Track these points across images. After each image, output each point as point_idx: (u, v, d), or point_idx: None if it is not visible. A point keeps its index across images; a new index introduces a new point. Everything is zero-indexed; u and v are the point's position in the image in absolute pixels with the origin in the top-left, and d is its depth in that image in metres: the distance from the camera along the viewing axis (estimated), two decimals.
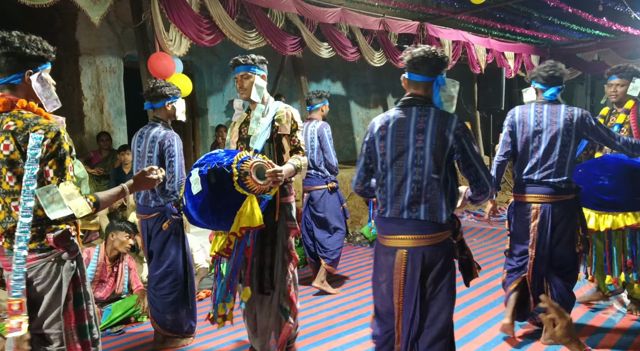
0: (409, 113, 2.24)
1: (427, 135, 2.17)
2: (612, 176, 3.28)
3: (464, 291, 4.31)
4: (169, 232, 3.33)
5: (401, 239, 2.21)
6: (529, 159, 3.07)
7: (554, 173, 3.00)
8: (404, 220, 2.21)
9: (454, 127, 2.17)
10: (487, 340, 3.31)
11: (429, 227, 2.18)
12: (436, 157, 2.16)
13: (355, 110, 10.62)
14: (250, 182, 2.54)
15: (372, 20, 7.50)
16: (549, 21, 9.40)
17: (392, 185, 2.24)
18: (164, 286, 3.35)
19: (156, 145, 3.28)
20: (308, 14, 6.54)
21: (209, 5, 5.47)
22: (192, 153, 8.41)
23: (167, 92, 3.35)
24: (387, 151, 2.25)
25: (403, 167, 2.21)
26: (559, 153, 2.99)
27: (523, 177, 3.10)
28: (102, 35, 6.60)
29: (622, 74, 3.54)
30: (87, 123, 6.70)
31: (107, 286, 3.94)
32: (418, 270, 2.17)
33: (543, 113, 3.05)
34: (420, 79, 2.28)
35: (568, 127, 2.98)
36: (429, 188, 2.17)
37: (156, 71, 5.09)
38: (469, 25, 9.37)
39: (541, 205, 3.03)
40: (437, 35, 8.50)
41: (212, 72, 8.19)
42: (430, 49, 2.28)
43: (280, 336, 2.87)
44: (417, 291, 2.18)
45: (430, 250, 2.18)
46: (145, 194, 3.35)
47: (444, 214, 2.18)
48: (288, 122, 2.94)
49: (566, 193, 3.03)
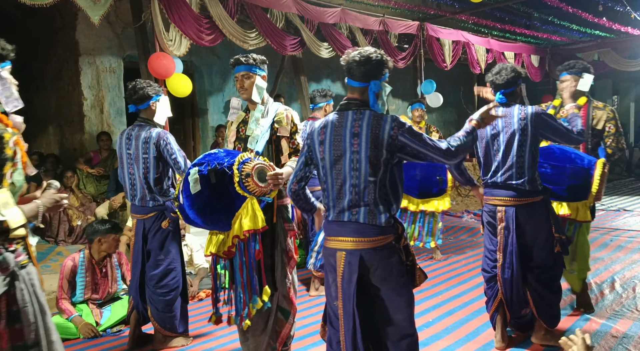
0: (345, 118, 2.22)
1: (362, 139, 2.15)
2: (554, 165, 3.32)
3: (464, 291, 4.32)
4: (168, 230, 3.33)
5: (341, 241, 2.21)
6: (491, 162, 3.06)
7: (515, 175, 2.96)
8: (344, 223, 2.20)
9: (387, 128, 2.14)
10: (487, 340, 3.31)
11: (369, 229, 2.16)
12: (372, 161, 2.14)
13: None
14: (252, 184, 2.53)
15: (372, 20, 7.51)
16: (549, 21, 9.40)
17: (332, 189, 2.23)
18: (164, 284, 3.33)
19: (151, 147, 3.25)
20: (308, 14, 6.55)
21: (209, 5, 5.47)
22: (192, 153, 8.41)
23: (150, 92, 3.32)
24: (326, 156, 2.24)
25: (342, 171, 2.20)
26: (516, 153, 2.95)
27: (488, 180, 3.09)
28: (102, 35, 6.60)
29: (572, 70, 3.55)
30: (87, 123, 6.70)
31: (101, 288, 3.90)
32: (355, 273, 2.15)
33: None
34: (355, 84, 2.24)
35: (523, 126, 2.94)
36: (367, 192, 2.15)
37: (156, 71, 5.09)
38: (469, 25, 9.37)
39: (505, 209, 3.00)
40: (437, 35, 8.50)
41: (212, 72, 8.19)
42: (365, 53, 2.21)
43: (280, 335, 2.86)
44: (354, 294, 2.15)
45: (369, 253, 2.15)
46: (142, 195, 3.32)
47: (383, 217, 2.15)
48: (288, 124, 2.93)
49: (531, 196, 2.97)
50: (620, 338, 3.26)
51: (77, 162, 6.46)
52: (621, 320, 3.54)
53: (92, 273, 3.81)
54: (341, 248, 2.20)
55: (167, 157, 3.26)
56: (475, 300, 4.10)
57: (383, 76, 2.24)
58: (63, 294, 3.73)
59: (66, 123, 7.09)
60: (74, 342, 3.56)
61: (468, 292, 4.30)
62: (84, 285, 3.78)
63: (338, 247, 2.22)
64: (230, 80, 8.45)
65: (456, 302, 4.07)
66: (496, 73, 3.09)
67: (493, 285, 3.16)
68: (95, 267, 3.84)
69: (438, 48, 8.52)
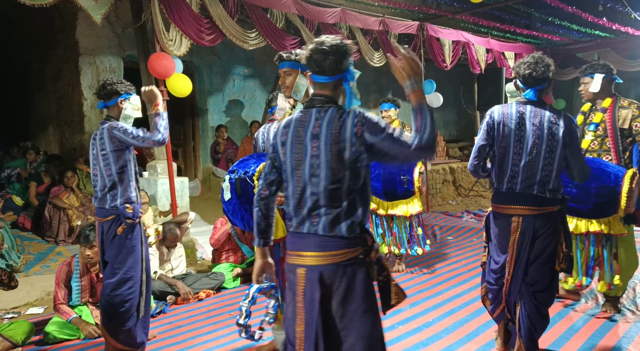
0: (309, 116, 1.94)
1: (321, 141, 1.87)
2: (579, 185, 3.11)
3: (464, 291, 4.32)
4: (124, 236, 3.09)
5: (301, 256, 1.94)
6: (508, 167, 2.72)
7: (538, 183, 2.66)
8: (304, 235, 1.94)
9: (350, 124, 1.85)
10: (487, 340, 3.31)
11: (330, 242, 1.89)
12: (332, 166, 1.86)
13: None
14: None
15: (372, 20, 7.51)
16: (549, 21, 9.40)
17: (293, 197, 1.97)
18: (119, 293, 3.08)
19: (105, 141, 3.05)
20: (308, 14, 6.55)
21: (209, 5, 5.47)
22: (192, 153, 8.42)
23: (120, 88, 3.13)
24: (287, 159, 1.98)
25: (302, 177, 1.93)
26: (543, 160, 2.65)
27: (502, 187, 2.76)
28: (102, 35, 6.60)
29: (588, 72, 3.54)
30: (87, 123, 6.70)
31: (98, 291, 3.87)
32: (317, 293, 1.88)
33: (526, 115, 2.70)
34: (325, 79, 1.94)
35: (554, 131, 2.65)
36: (327, 200, 1.88)
37: (156, 71, 5.09)
38: (469, 25, 9.37)
39: (522, 218, 2.68)
40: (437, 35, 8.50)
41: (212, 72, 8.19)
42: (330, 41, 1.92)
43: None
44: (318, 317, 1.88)
45: (330, 270, 1.88)
46: (101, 195, 3.11)
47: (344, 227, 1.88)
48: None
49: (551, 205, 2.69)
50: (620, 338, 3.26)
51: (77, 162, 6.47)
52: (621, 320, 3.54)
53: (87, 277, 3.77)
54: (301, 264, 1.94)
55: (122, 136, 3.01)
56: (475, 300, 4.10)
57: (351, 64, 1.99)
58: (60, 299, 3.71)
59: (66, 123, 7.09)
60: (74, 342, 3.56)
61: (468, 292, 4.29)
62: (79, 289, 3.74)
63: (297, 262, 1.95)
64: (230, 80, 8.46)
65: (456, 302, 4.07)
66: (532, 64, 2.69)
67: (497, 295, 2.90)
68: (91, 271, 3.77)
69: (438, 48, 8.52)
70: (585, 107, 3.71)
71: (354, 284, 1.89)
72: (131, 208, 3.07)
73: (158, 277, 4.37)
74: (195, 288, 4.44)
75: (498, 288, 2.87)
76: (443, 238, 6.45)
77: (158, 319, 3.96)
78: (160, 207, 5.54)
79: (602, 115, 3.52)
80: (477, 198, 9.38)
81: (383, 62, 7.73)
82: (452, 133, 12.29)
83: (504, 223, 2.76)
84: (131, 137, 3.03)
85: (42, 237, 5.78)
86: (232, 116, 8.55)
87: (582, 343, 3.21)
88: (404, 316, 3.77)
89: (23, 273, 4.81)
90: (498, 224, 2.82)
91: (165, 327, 3.79)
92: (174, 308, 4.20)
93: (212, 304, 4.29)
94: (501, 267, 2.81)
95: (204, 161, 8.30)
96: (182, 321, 3.90)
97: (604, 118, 3.51)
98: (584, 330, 3.39)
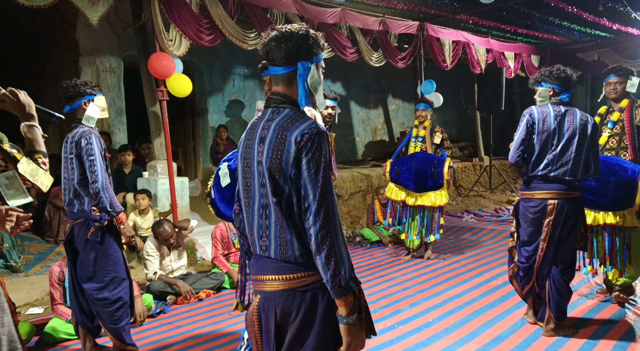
0: (262, 118, 1.66)
1: (265, 145, 1.59)
2: (599, 178, 3.46)
3: (464, 291, 4.32)
4: (96, 240, 3.04)
5: (257, 282, 1.67)
6: (545, 156, 3.19)
7: (569, 170, 3.14)
8: (258, 257, 1.67)
9: (297, 132, 1.52)
10: (487, 340, 3.31)
11: (282, 267, 1.59)
12: (273, 175, 1.55)
13: (355, 110, 10.63)
14: None
15: (372, 20, 7.51)
16: (550, 21, 9.41)
17: (245, 211, 1.71)
18: (106, 297, 3.07)
19: (73, 146, 3.03)
20: (308, 14, 6.54)
21: (209, 5, 5.47)
22: (192, 153, 8.42)
23: (82, 90, 3.07)
24: (239, 165, 1.73)
25: (251, 186, 1.66)
26: (575, 151, 3.14)
27: (538, 173, 3.21)
28: (102, 35, 6.60)
29: (620, 73, 3.78)
30: None
31: None
32: (272, 323, 1.61)
33: (561, 113, 3.19)
34: (277, 70, 1.62)
35: (584, 127, 3.16)
36: (274, 216, 1.58)
37: (156, 71, 5.09)
38: (469, 25, 9.38)
39: (558, 201, 3.16)
40: (437, 35, 8.50)
41: (212, 72, 8.19)
42: (286, 29, 1.60)
43: None
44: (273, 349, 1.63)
45: (283, 298, 1.58)
46: (69, 199, 3.07)
47: (297, 251, 1.55)
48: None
49: (577, 190, 3.20)
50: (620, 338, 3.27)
51: None
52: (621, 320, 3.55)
53: None
54: (257, 290, 1.67)
55: (85, 158, 2.97)
56: (475, 300, 4.10)
57: (315, 57, 1.62)
58: (57, 300, 3.71)
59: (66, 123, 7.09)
60: (74, 342, 3.56)
61: (468, 292, 4.29)
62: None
63: (255, 288, 1.70)
64: (230, 80, 8.47)
65: (456, 302, 4.07)
66: (563, 71, 3.22)
67: (527, 272, 3.34)
68: None
69: (438, 48, 8.52)
70: (602, 110, 4.03)
71: (314, 314, 1.58)
72: (98, 211, 3.02)
73: (158, 277, 4.37)
74: (195, 288, 4.44)
75: (529, 265, 3.32)
76: (444, 238, 6.45)
77: (158, 319, 3.96)
78: (160, 206, 5.54)
79: (619, 114, 3.83)
80: (477, 198, 9.38)
81: (382, 62, 7.73)
82: (452, 133, 12.29)
83: (537, 207, 3.22)
84: (89, 161, 2.97)
85: (42, 237, 5.78)
86: (232, 116, 8.55)
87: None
88: (404, 316, 3.77)
89: (23, 273, 4.81)
90: (530, 208, 3.27)
91: (165, 327, 3.79)
92: (174, 308, 4.20)
93: (212, 304, 4.29)
94: (534, 247, 3.27)
95: (204, 161, 8.31)
96: (182, 321, 3.90)
97: (621, 117, 3.82)
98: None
